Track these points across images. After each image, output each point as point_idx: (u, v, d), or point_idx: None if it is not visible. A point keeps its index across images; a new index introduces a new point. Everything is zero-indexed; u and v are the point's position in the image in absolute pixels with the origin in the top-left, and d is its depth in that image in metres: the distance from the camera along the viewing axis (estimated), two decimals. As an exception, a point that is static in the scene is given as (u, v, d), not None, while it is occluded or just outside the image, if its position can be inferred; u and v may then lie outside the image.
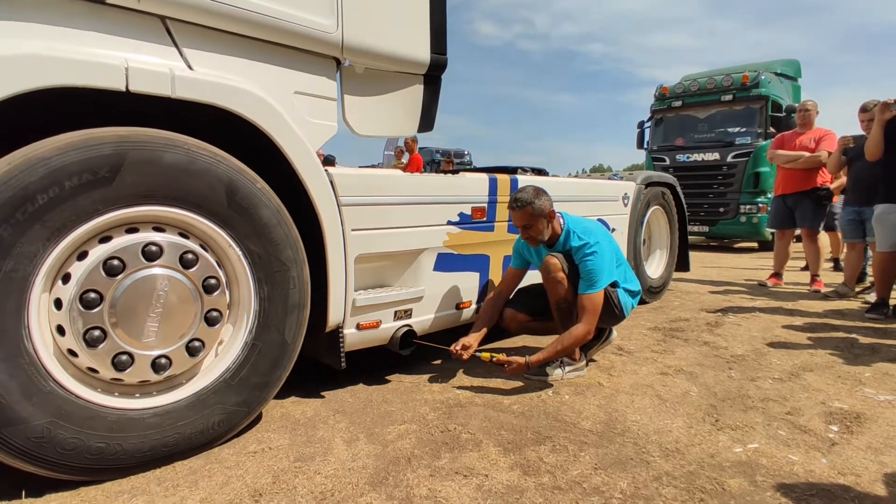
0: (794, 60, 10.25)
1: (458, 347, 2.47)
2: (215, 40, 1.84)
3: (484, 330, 2.62)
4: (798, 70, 10.20)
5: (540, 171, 3.67)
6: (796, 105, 7.80)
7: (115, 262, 1.57)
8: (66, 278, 1.52)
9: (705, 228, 9.20)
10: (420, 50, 2.37)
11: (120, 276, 1.57)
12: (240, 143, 1.88)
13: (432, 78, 2.48)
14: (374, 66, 2.27)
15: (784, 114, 8.45)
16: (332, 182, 2.05)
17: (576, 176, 4.89)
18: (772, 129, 8.39)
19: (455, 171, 2.63)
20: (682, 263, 4.99)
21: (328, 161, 2.29)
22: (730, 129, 9.04)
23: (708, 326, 3.68)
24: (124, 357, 1.60)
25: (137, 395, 1.69)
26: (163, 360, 1.69)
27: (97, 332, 1.55)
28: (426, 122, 2.51)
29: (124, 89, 1.54)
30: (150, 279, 1.63)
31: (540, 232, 2.48)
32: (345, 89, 2.24)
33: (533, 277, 2.83)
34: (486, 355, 2.47)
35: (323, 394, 2.34)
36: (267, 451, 1.81)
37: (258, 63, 1.95)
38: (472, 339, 2.52)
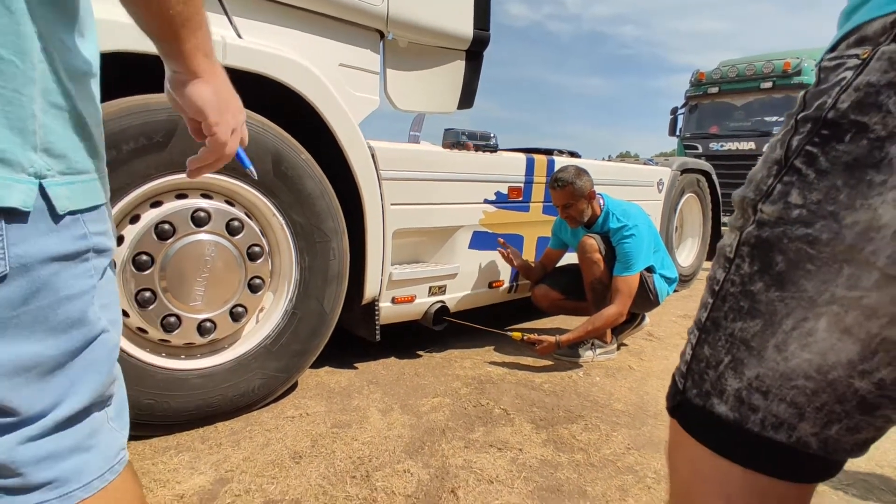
0: (839, 48, 9.86)
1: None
2: (264, 9, 1.85)
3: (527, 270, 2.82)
4: (842, 58, 9.83)
5: (573, 154, 3.64)
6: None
7: (166, 226, 1.61)
8: (120, 240, 1.57)
9: (736, 219, 9.01)
10: (463, 25, 2.35)
11: (170, 241, 1.62)
12: (275, 113, 1.89)
13: (474, 54, 2.46)
14: (417, 40, 2.26)
15: (826, 104, 8.17)
16: (373, 156, 2.06)
17: (607, 161, 4.83)
18: (811, 120, 8.13)
19: (493, 150, 2.61)
20: (713, 253, 4.90)
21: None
22: (767, 119, 8.78)
23: (739, 316, 3.63)
24: (172, 319, 1.66)
25: (183, 356, 1.74)
26: (208, 324, 1.74)
27: (148, 294, 1.60)
28: (466, 99, 2.50)
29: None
30: (198, 244, 1.67)
31: (580, 212, 2.47)
32: (387, 63, 2.24)
33: (568, 260, 2.83)
34: (516, 334, 2.48)
35: (356, 365, 2.38)
36: (304, 416, 1.86)
37: (305, 34, 1.96)
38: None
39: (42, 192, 0.45)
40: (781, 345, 0.42)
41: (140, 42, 1.46)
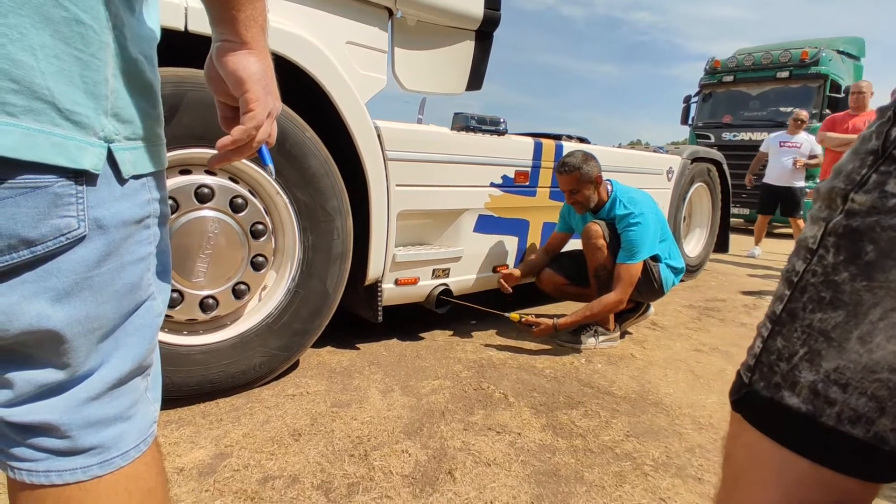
0: (859, 38, 9.66)
1: (504, 270, 2.68)
2: (271, -16, 1.82)
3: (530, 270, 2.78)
4: (862, 49, 9.62)
5: (582, 140, 3.59)
6: (856, 86, 7.36)
7: (170, 201, 1.60)
8: (123, 214, 1.57)
9: (746, 211, 8.91)
10: (474, 4, 2.30)
11: (173, 216, 1.61)
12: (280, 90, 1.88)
13: (484, 35, 2.42)
14: (426, 18, 2.22)
15: (843, 94, 8.02)
16: (379, 136, 2.04)
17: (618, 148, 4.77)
18: (827, 111, 7.98)
19: (501, 133, 2.59)
20: (720, 244, 4.87)
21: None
22: (782, 109, 8.62)
23: (745, 308, 3.61)
24: (175, 294, 1.66)
25: (185, 332, 1.75)
26: (210, 301, 1.74)
27: (151, 269, 1.60)
28: (475, 81, 2.46)
29: (183, 29, 1.54)
30: (201, 221, 1.67)
31: (586, 198, 2.45)
32: (396, 42, 2.20)
33: (577, 245, 2.81)
34: (514, 315, 2.48)
35: (358, 346, 2.39)
36: (305, 395, 1.87)
37: (312, 9, 1.92)
38: (518, 272, 2.69)
39: (109, 156, 0.47)
40: (866, 336, 0.40)
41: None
